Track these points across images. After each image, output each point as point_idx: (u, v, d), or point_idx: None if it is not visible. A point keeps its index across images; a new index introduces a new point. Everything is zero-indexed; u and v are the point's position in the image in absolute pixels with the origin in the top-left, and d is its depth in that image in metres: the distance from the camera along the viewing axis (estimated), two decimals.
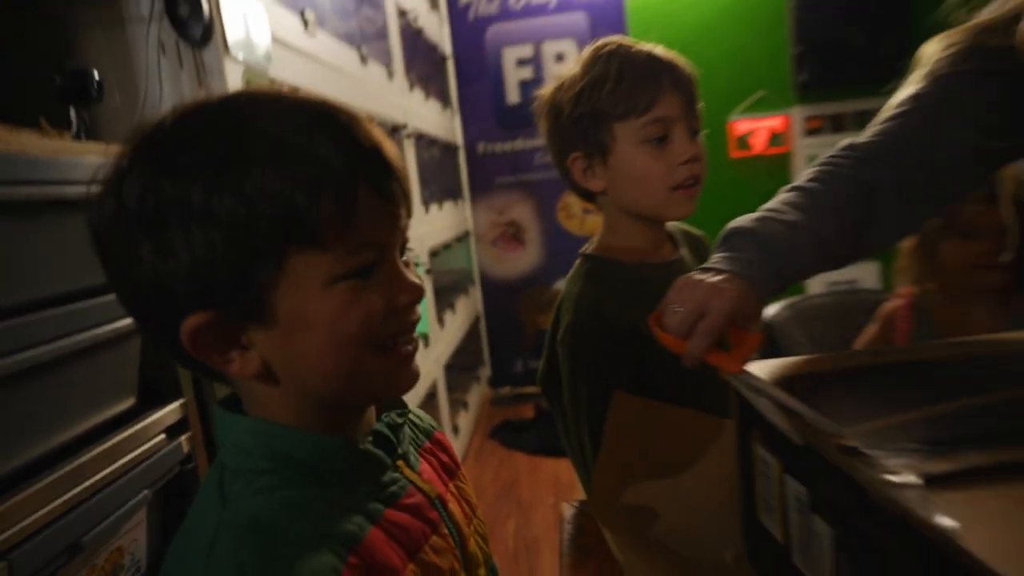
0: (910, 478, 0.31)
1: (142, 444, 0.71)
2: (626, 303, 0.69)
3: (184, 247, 0.31)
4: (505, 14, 2.75)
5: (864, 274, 2.65)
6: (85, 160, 0.64)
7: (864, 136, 0.59)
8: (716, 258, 0.52)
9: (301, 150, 0.33)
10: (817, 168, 0.58)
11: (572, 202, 2.88)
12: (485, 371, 3.11)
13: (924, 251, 1.05)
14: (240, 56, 1.00)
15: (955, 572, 0.26)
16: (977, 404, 0.43)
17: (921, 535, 0.29)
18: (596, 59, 0.72)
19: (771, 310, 1.18)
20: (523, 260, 2.97)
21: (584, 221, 2.92)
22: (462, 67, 2.85)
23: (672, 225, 0.80)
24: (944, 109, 0.57)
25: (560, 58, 2.75)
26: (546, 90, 0.76)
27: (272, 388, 0.36)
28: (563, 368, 0.72)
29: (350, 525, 0.34)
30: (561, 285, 0.80)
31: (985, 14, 0.59)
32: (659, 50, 0.73)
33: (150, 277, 0.32)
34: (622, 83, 0.69)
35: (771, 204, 0.56)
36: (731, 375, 0.45)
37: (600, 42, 0.74)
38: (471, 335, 2.89)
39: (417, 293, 0.37)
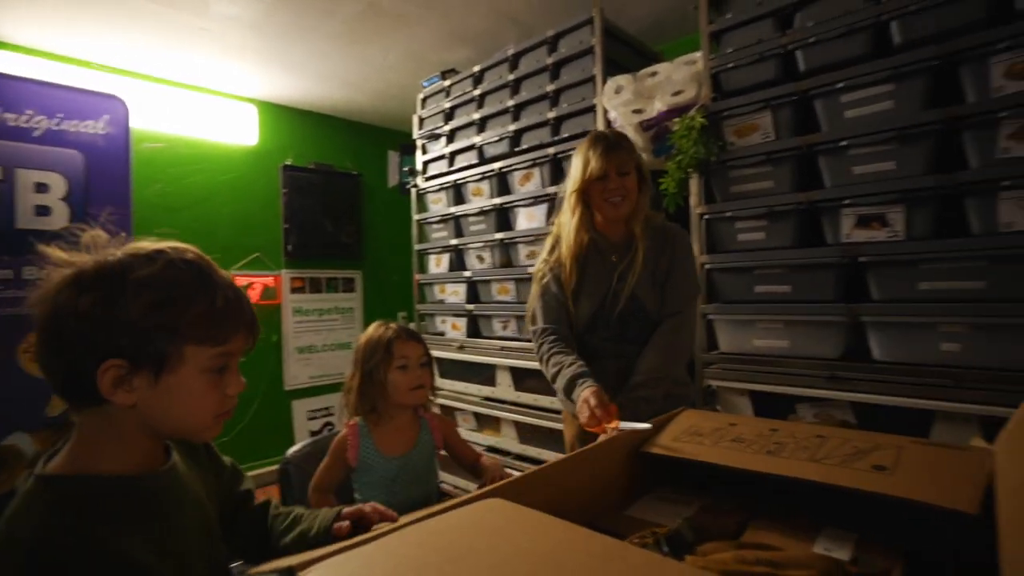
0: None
1: None
2: (122, 527, 0.61)
3: None
4: None
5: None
6: None
7: (545, 322, 1.54)
8: (582, 382, 1.32)
9: None
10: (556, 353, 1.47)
11: None
12: None
13: (373, 385, 1.32)
14: None
15: None
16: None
17: None
18: (174, 268, 0.66)
19: (295, 448, 1.48)
20: None
21: None
22: None
23: None
24: (551, 289, 1.55)
25: (43, 188, 2.54)
26: (63, 273, 0.64)
27: None
28: None
29: None
30: (15, 440, 0.64)
31: (554, 254, 1.56)
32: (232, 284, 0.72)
33: None
34: (213, 310, 0.67)
35: (572, 365, 1.40)
36: (614, 429, 1.08)
37: (182, 253, 0.69)
38: None
39: None
